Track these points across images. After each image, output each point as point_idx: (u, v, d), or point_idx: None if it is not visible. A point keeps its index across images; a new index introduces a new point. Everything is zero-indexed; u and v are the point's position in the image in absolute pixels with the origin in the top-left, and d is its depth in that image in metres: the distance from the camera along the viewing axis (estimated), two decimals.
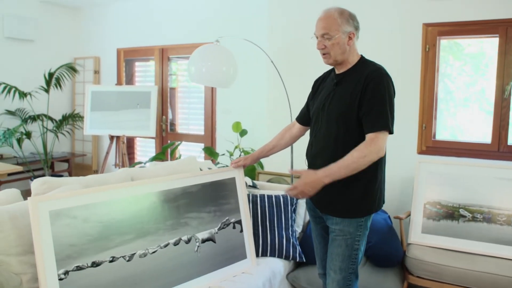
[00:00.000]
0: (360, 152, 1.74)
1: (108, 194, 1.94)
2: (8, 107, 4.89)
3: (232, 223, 2.39)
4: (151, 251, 2.02)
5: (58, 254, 1.71)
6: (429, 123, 3.38)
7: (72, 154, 5.68)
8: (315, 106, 2.02)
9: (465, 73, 3.37)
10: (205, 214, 2.27)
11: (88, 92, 4.84)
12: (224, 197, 2.38)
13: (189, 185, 2.24)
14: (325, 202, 1.94)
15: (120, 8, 5.32)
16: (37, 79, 4.96)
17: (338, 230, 1.90)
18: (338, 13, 1.86)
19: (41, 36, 5.30)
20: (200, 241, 2.21)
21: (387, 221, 3.00)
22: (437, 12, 3.26)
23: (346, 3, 3.56)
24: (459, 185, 2.95)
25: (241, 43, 3.66)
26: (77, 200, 1.83)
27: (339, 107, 1.86)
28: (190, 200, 2.22)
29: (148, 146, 5.50)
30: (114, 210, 1.93)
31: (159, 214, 2.08)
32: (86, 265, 1.79)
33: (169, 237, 2.10)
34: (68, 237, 1.76)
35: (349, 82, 1.87)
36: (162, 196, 2.12)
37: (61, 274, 1.70)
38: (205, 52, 3.13)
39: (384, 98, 1.78)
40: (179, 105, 5.15)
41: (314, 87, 2.15)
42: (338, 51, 1.86)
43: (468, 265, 2.58)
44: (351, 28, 1.87)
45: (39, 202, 1.72)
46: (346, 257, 1.90)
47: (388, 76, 1.85)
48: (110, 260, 1.87)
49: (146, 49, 5.17)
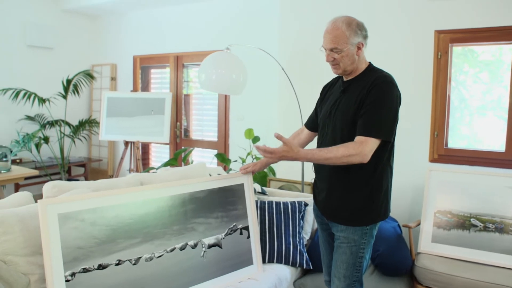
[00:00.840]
0: (346, 149, 1.72)
1: (116, 198, 1.97)
2: (27, 113, 5.03)
3: (240, 229, 2.39)
4: (157, 255, 2.03)
5: (66, 256, 1.74)
6: (441, 131, 3.34)
7: (89, 159, 5.79)
8: (322, 113, 2.02)
9: (480, 81, 3.33)
10: (212, 220, 2.28)
11: (104, 99, 4.93)
12: (232, 203, 2.38)
13: (197, 190, 2.25)
14: (330, 209, 1.94)
15: (136, 17, 5.43)
16: (56, 86, 5.10)
17: (343, 238, 1.90)
18: (346, 25, 1.82)
19: (60, 44, 5.45)
20: (206, 246, 2.22)
21: (396, 229, 2.97)
22: (449, 19, 3.23)
23: (357, 11, 3.59)
24: (471, 194, 2.90)
25: (253, 51, 3.70)
26: (85, 204, 1.86)
27: (344, 114, 1.85)
28: (198, 205, 2.23)
29: (163, 152, 5.57)
30: (121, 214, 1.96)
31: (166, 219, 2.10)
32: (92, 267, 1.82)
33: (175, 242, 2.11)
34: (76, 240, 1.79)
35: (355, 89, 1.87)
36: (169, 201, 2.13)
37: (68, 276, 1.73)
38: (215, 60, 3.17)
39: (383, 104, 1.76)
40: (193, 112, 5.21)
41: (322, 93, 2.15)
42: (348, 62, 1.86)
43: (479, 276, 2.53)
44: (360, 38, 1.85)
45: (48, 205, 1.75)
46: (351, 265, 1.89)
47: (394, 84, 1.83)
48: (116, 263, 1.89)
49: (161, 56, 5.26)
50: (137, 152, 4.88)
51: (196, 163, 3.17)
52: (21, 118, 5.03)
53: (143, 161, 5.43)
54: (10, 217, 1.83)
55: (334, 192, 1.91)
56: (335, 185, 1.90)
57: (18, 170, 4.07)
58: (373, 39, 3.52)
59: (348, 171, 1.83)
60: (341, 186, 1.88)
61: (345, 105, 1.87)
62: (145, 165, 5.52)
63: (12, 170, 3.99)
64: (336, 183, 1.89)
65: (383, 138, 1.75)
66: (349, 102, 1.86)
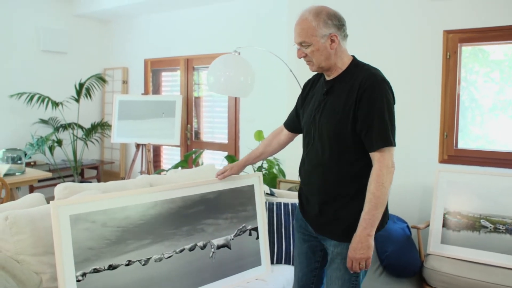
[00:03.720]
0: (375, 183, 1.59)
1: (127, 200, 1.99)
2: (41, 116, 5.13)
3: (249, 230, 2.39)
4: (166, 256, 2.05)
5: (77, 257, 1.77)
6: (451, 132, 3.31)
7: (101, 162, 5.87)
8: (305, 117, 1.83)
9: (491, 80, 3.30)
10: (221, 221, 2.29)
11: (116, 102, 5.00)
12: (241, 204, 2.39)
13: (207, 191, 2.26)
14: (321, 224, 1.78)
15: (147, 20, 5.50)
16: (69, 89, 5.19)
17: (336, 253, 1.74)
18: (313, 15, 1.63)
19: (73, 48, 5.55)
20: (215, 247, 2.23)
21: (405, 230, 2.96)
22: (458, 18, 3.21)
23: (366, 13, 3.60)
24: (481, 195, 2.88)
25: (262, 53, 3.72)
26: (97, 205, 1.88)
27: (331, 121, 1.67)
28: (208, 206, 2.24)
29: (173, 154, 5.63)
30: (132, 216, 1.98)
31: (176, 220, 2.11)
32: (103, 267, 1.84)
33: (184, 243, 2.13)
34: (87, 241, 1.81)
35: (340, 91, 1.68)
36: (180, 202, 2.15)
37: (78, 276, 1.76)
38: (223, 62, 3.19)
39: (382, 109, 1.60)
40: (204, 114, 5.25)
41: (304, 91, 1.94)
42: (321, 58, 1.66)
43: (488, 277, 2.51)
44: (332, 29, 1.64)
45: (60, 206, 1.78)
46: (346, 280, 1.73)
47: (385, 81, 1.65)
48: (127, 263, 1.92)
49: (172, 59, 5.32)
50: (148, 154, 4.94)
51: (206, 165, 3.20)
52: (35, 121, 5.13)
53: (155, 163, 5.48)
54: (22, 217, 1.87)
55: (326, 206, 1.74)
56: (326, 199, 1.74)
57: (32, 172, 4.16)
58: (381, 39, 3.55)
59: (340, 185, 1.70)
60: (332, 200, 1.72)
61: (331, 110, 1.68)
62: (156, 167, 5.58)
63: (26, 173, 4.08)
64: (327, 197, 1.74)
65: (393, 144, 1.63)
66: (335, 106, 1.67)
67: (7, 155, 4.05)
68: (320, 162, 1.73)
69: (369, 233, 1.59)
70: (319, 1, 3.83)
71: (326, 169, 1.71)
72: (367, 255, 1.61)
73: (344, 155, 1.67)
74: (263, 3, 4.43)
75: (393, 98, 1.69)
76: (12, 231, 1.84)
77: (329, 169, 1.70)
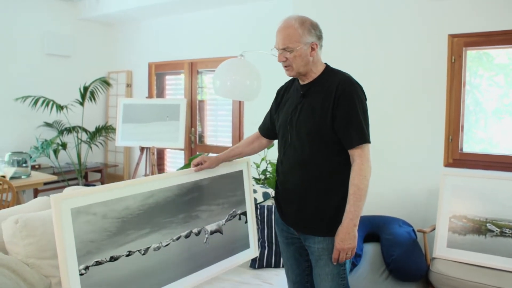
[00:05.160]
0: (358, 176, 1.69)
1: (126, 190, 1.98)
2: (46, 120, 5.15)
3: (238, 215, 2.42)
4: (164, 244, 2.05)
5: (79, 251, 1.75)
6: (456, 136, 3.32)
7: (105, 165, 5.88)
8: (281, 120, 1.90)
9: (495, 84, 3.31)
10: (214, 207, 2.30)
11: (120, 105, 5.02)
12: (231, 189, 2.41)
13: (200, 178, 2.26)
14: (303, 221, 1.84)
15: (151, 24, 5.52)
16: (73, 93, 5.21)
17: (321, 249, 1.79)
18: (299, 23, 1.75)
19: (77, 52, 5.57)
20: (209, 233, 2.25)
21: (411, 234, 2.97)
22: (463, 22, 3.22)
23: (371, 17, 3.61)
24: (487, 199, 2.88)
25: (266, 57, 3.73)
26: (97, 197, 1.87)
27: (309, 121, 1.77)
28: (201, 193, 2.25)
29: (177, 158, 5.64)
30: (131, 206, 1.98)
31: (172, 208, 2.12)
32: (105, 260, 1.83)
33: (181, 230, 2.13)
34: (89, 234, 1.80)
35: (317, 93, 1.78)
36: (176, 191, 2.15)
37: (81, 270, 1.75)
38: (229, 66, 3.21)
39: (357, 109, 1.71)
40: (208, 118, 5.27)
41: (277, 97, 2.03)
42: (301, 63, 1.77)
43: (495, 281, 2.51)
44: (313, 38, 1.77)
45: (61, 200, 1.76)
46: (335, 275, 1.80)
47: (358, 84, 1.78)
48: (127, 254, 1.91)
49: (176, 63, 5.34)
50: (152, 157, 4.95)
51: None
52: (40, 124, 5.15)
53: (158, 166, 5.49)
54: (32, 221, 1.89)
55: (306, 203, 1.80)
56: (307, 195, 1.80)
57: (38, 175, 4.18)
58: (386, 43, 3.56)
59: (319, 180, 1.77)
60: (313, 196, 1.79)
61: (309, 110, 1.78)
62: (160, 170, 5.59)
63: (32, 176, 4.09)
64: (307, 193, 1.80)
65: (369, 141, 1.73)
66: (313, 106, 1.77)
67: (13, 158, 4.06)
68: (298, 161, 1.81)
69: (355, 223, 1.71)
70: (322, 6, 3.87)
71: (305, 166, 1.79)
72: (353, 244, 1.73)
73: (322, 152, 1.76)
74: (267, 8, 4.45)
75: (365, 97, 1.81)
76: (22, 235, 1.85)
77: (308, 166, 1.78)
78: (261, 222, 2.78)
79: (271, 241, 2.72)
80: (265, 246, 2.71)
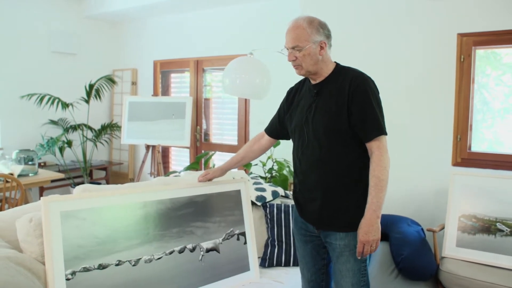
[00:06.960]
0: (378, 167, 1.71)
1: (117, 199, 1.99)
2: (51, 117, 5.14)
3: (236, 235, 2.40)
4: (156, 257, 2.04)
5: (67, 254, 1.75)
6: (464, 135, 3.32)
7: (110, 163, 5.88)
8: (296, 121, 1.92)
9: (503, 83, 3.30)
10: (210, 224, 2.29)
11: (126, 103, 5.01)
12: (229, 208, 2.40)
13: (195, 194, 2.27)
14: (327, 218, 1.84)
15: (156, 22, 5.52)
16: (79, 91, 5.20)
17: (343, 246, 1.81)
18: (307, 22, 1.79)
19: (83, 50, 5.57)
20: (204, 250, 2.23)
21: (420, 233, 2.96)
22: (472, 21, 3.22)
23: (380, 17, 3.60)
24: (496, 198, 2.88)
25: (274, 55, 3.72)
26: (87, 203, 1.87)
27: (325, 119, 1.79)
28: (196, 209, 2.24)
29: (182, 156, 5.64)
30: (122, 215, 1.97)
31: (165, 221, 2.11)
32: (93, 267, 1.82)
33: (174, 245, 2.12)
34: (77, 238, 1.79)
35: (330, 91, 1.81)
36: (169, 204, 2.15)
37: (68, 274, 1.74)
38: (239, 65, 3.21)
39: (372, 103, 1.75)
40: (213, 116, 5.26)
41: (288, 98, 2.05)
42: (310, 62, 1.80)
43: (505, 281, 2.51)
44: (322, 37, 1.80)
45: (51, 202, 1.76)
46: (356, 271, 1.82)
47: (370, 78, 1.82)
48: (117, 263, 1.90)
49: (181, 61, 5.33)
50: (158, 155, 4.95)
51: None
52: (45, 122, 5.14)
53: (164, 164, 5.49)
54: None
55: (328, 199, 1.81)
56: (328, 192, 1.81)
57: (44, 173, 4.18)
58: (395, 43, 3.55)
59: (340, 176, 1.79)
60: (334, 192, 1.80)
61: (324, 108, 1.80)
62: (165, 168, 5.59)
63: (39, 174, 4.09)
64: (328, 190, 1.81)
65: (386, 132, 1.76)
66: (327, 104, 1.80)
67: (20, 156, 4.07)
68: (317, 158, 1.82)
69: (378, 215, 1.71)
70: (329, 5, 3.86)
71: (324, 163, 1.80)
72: (378, 236, 1.72)
73: (340, 148, 1.78)
74: (272, 6, 4.44)
75: (378, 91, 1.84)
76: (37, 233, 1.85)
77: (327, 163, 1.80)
78: (270, 221, 2.78)
79: (281, 239, 2.71)
80: (275, 245, 2.71)
